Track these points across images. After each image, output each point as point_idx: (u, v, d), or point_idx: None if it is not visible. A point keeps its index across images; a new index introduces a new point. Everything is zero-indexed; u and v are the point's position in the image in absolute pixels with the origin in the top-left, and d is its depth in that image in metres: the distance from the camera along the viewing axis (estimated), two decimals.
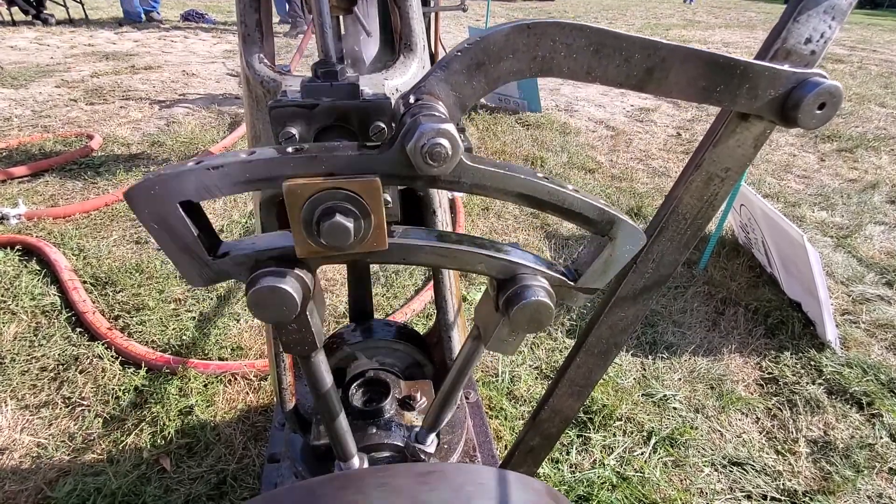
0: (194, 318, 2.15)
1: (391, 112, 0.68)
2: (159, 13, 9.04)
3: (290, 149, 0.52)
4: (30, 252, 2.48)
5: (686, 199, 0.66)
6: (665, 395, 1.89)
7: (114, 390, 1.79)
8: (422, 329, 2.11)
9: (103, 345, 1.95)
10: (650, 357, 2.08)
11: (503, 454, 1.47)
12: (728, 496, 1.57)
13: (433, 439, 0.89)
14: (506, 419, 1.76)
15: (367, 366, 1.10)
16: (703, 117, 5.19)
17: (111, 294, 2.25)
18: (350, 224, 0.51)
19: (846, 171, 4.05)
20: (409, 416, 1.01)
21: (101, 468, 1.54)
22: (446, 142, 0.48)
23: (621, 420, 1.78)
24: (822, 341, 2.15)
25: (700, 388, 1.95)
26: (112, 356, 1.92)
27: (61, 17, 8.58)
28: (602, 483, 1.55)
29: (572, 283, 0.64)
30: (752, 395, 1.94)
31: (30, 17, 8.16)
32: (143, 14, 8.82)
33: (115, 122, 4.26)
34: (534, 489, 0.58)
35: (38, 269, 2.37)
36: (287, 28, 8.22)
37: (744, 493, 1.58)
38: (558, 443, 1.31)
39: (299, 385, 1.12)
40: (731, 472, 1.64)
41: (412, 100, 0.52)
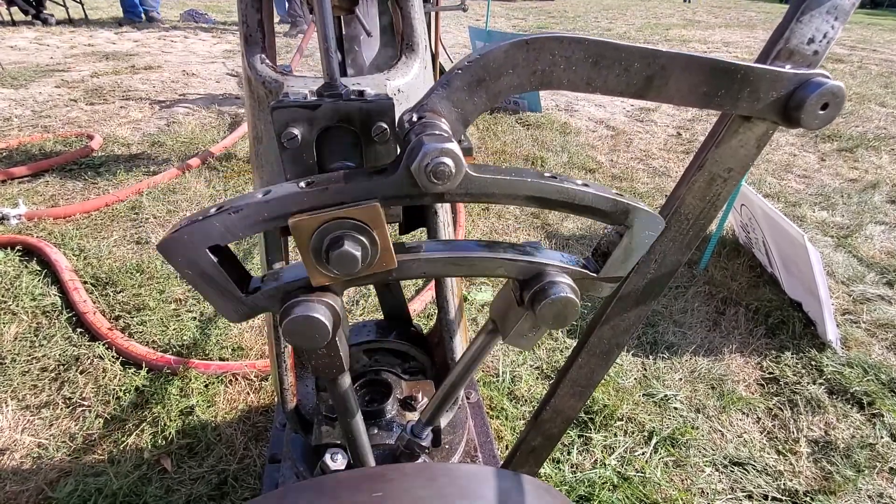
0: (195, 318, 2.15)
1: (393, 113, 0.68)
2: (159, 13, 9.04)
3: (302, 183, 0.53)
4: (30, 252, 2.48)
5: (689, 200, 0.66)
6: (666, 395, 1.89)
7: (114, 391, 1.79)
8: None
9: (104, 345, 1.95)
10: (651, 357, 2.08)
11: (504, 454, 1.47)
12: (729, 496, 1.57)
13: (429, 433, 0.88)
14: (507, 419, 1.76)
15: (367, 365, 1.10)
16: (704, 117, 5.19)
17: (112, 294, 2.25)
18: (357, 252, 0.53)
19: (846, 171, 4.05)
20: (410, 416, 1.01)
21: (102, 468, 1.54)
22: (449, 160, 0.49)
23: (622, 420, 1.78)
24: (823, 341, 2.14)
25: (701, 388, 1.95)
26: (113, 356, 1.92)
27: (61, 17, 8.58)
28: (603, 483, 1.55)
29: (594, 274, 0.64)
30: (753, 395, 1.94)
31: (30, 17, 8.15)
32: (144, 14, 8.82)
33: (116, 122, 4.26)
34: (534, 488, 0.58)
35: (39, 269, 2.37)
36: (287, 28, 8.22)
37: (745, 493, 1.58)
38: (559, 443, 1.31)
39: (300, 385, 1.12)
40: (732, 472, 1.64)
41: (415, 118, 0.53)
